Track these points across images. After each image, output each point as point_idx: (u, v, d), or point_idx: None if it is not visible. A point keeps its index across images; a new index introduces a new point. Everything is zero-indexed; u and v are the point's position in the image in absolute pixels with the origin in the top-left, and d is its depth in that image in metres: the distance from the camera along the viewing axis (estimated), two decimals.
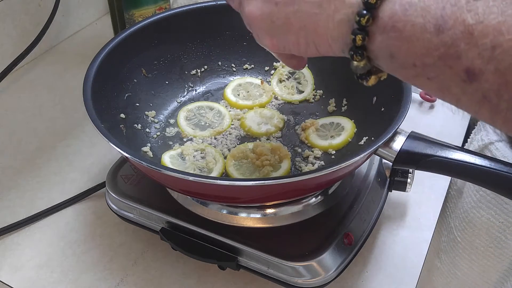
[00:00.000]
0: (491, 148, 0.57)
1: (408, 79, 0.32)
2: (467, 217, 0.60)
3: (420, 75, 0.30)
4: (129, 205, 0.53)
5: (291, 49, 0.38)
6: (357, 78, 0.36)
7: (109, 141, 0.45)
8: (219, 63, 0.68)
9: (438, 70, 0.29)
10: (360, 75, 0.35)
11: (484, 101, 0.28)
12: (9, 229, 0.56)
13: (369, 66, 0.33)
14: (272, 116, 0.62)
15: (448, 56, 0.28)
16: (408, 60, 0.30)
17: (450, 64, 0.28)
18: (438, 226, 0.61)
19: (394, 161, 0.46)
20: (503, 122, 0.28)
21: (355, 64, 0.33)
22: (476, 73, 0.27)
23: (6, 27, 0.78)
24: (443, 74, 0.29)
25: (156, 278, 0.52)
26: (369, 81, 0.35)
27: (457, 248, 0.63)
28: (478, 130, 0.61)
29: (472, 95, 0.28)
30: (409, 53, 0.29)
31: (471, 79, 0.27)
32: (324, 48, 0.35)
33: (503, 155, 0.55)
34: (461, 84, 0.28)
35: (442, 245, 0.67)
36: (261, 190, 0.44)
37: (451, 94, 0.29)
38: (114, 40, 0.57)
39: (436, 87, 0.30)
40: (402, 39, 0.29)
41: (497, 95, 0.27)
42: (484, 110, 0.28)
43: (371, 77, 0.35)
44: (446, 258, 0.66)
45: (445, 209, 0.66)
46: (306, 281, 0.46)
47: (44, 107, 0.75)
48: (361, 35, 0.31)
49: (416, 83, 0.31)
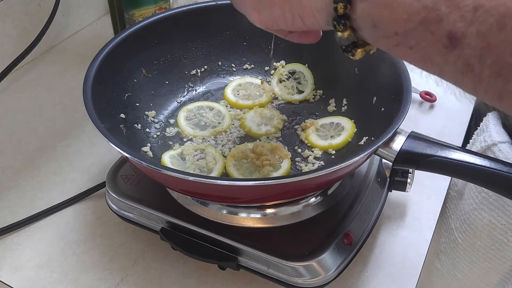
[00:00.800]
0: (494, 149, 0.56)
1: (391, 49, 0.31)
2: (468, 219, 0.60)
3: (401, 44, 0.30)
4: (129, 205, 0.53)
5: (278, 24, 0.38)
6: (343, 51, 0.35)
7: (109, 141, 0.45)
8: (219, 63, 0.68)
9: (420, 37, 0.28)
10: (346, 48, 0.35)
11: (467, 70, 0.27)
12: (9, 229, 0.56)
13: (353, 37, 0.33)
14: (272, 116, 0.62)
15: (429, 20, 0.27)
16: (389, 28, 0.30)
17: (431, 29, 0.27)
18: (437, 227, 0.61)
19: (394, 161, 0.46)
20: (485, 91, 0.27)
21: (339, 35, 0.33)
22: (458, 37, 0.26)
23: (6, 27, 0.78)
24: (424, 40, 0.28)
25: (156, 278, 0.52)
26: (356, 54, 0.35)
27: (457, 250, 0.63)
28: (481, 131, 0.61)
29: (455, 63, 0.27)
30: (391, 20, 0.29)
31: (453, 44, 0.27)
32: (310, 20, 0.35)
33: (506, 157, 0.55)
34: (443, 52, 0.28)
35: (442, 246, 0.67)
36: (261, 190, 0.44)
37: (433, 64, 0.29)
38: (114, 40, 0.57)
39: (418, 56, 0.30)
40: (383, 6, 0.29)
41: (480, 61, 0.26)
42: (467, 79, 0.28)
43: (357, 50, 0.35)
44: (446, 259, 0.66)
45: (445, 210, 0.66)
46: (306, 281, 0.46)
47: (44, 107, 0.75)
48: (342, 3, 0.31)
49: (398, 54, 0.31)
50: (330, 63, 0.64)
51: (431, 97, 0.77)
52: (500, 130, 0.57)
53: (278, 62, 0.69)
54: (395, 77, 0.52)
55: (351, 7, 0.31)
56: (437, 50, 0.28)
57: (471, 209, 0.59)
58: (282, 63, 0.68)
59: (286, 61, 0.68)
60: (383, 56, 0.55)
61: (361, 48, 0.35)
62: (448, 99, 0.78)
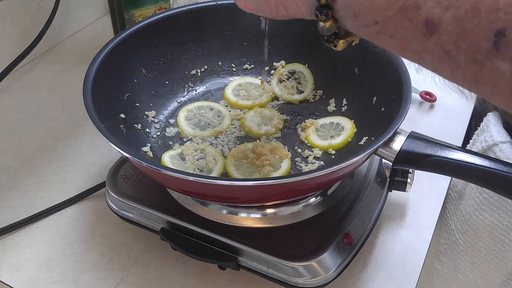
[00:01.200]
0: (495, 149, 0.56)
1: (371, 37, 0.32)
2: (469, 220, 0.60)
3: (381, 32, 0.30)
4: (129, 205, 0.53)
5: (263, 11, 0.38)
6: (324, 42, 0.36)
7: (109, 141, 0.45)
8: (219, 63, 0.68)
9: (398, 24, 0.29)
10: (328, 38, 0.35)
11: (445, 56, 0.28)
12: (9, 229, 0.56)
13: (334, 27, 0.34)
14: (272, 116, 0.62)
15: (407, 7, 0.28)
16: (370, 17, 0.30)
17: (409, 16, 0.28)
18: (437, 228, 0.61)
19: (394, 161, 0.46)
20: (462, 77, 0.28)
21: (321, 25, 0.34)
22: (435, 23, 0.27)
23: (6, 27, 0.78)
24: (403, 28, 0.29)
25: (156, 278, 0.52)
26: (338, 45, 0.36)
27: (458, 251, 0.63)
28: (481, 131, 0.60)
29: (433, 50, 0.28)
30: (370, 9, 0.30)
31: (431, 31, 0.27)
32: (293, 9, 0.36)
33: (507, 157, 0.54)
34: (421, 39, 0.28)
35: (442, 247, 0.66)
36: (261, 190, 0.44)
37: (412, 52, 0.30)
38: (114, 40, 0.57)
39: (397, 44, 0.30)
40: None
41: (456, 46, 0.27)
42: (445, 65, 0.28)
43: (339, 41, 0.36)
44: (447, 260, 0.66)
45: (445, 211, 0.66)
46: (306, 281, 0.46)
47: (44, 107, 0.75)
48: None
49: (379, 42, 0.32)
50: (330, 63, 0.64)
51: (431, 97, 0.77)
52: (501, 130, 0.57)
53: (278, 62, 0.69)
54: (395, 77, 0.52)
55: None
56: (416, 37, 0.28)
57: (472, 209, 0.59)
58: (282, 63, 0.68)
59: (286, 61, 0.68)
60: (383, 56, 0.55)
61: (343, 39, 0.36)
62: (448, 99, 0.78)
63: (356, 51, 0.59)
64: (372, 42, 0.32)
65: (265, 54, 0.66)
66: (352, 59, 0.61)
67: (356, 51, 0.59)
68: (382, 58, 0.54)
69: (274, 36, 0.67)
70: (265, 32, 0.64)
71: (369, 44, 0.54)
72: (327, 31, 0.34)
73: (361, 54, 0.59)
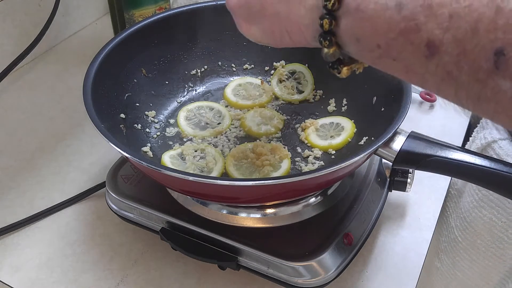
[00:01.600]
0: (494, 146, 0.56)
1: (375, 62, 0.32)
2: (469, 217, 0.60)
3: (384, 56, 0.31)
4: (129, 205, 0.53)
5: (267, 39, 0.39)
6: (329, 68, 0.36)
7: (109, 141, 0.45)
8: (219, 63, 0.68)
9: (400, 47, 0.29)
10: (332, 64, 0.36)
11: (447, 77, 0.28)
12: (9, 229, 0.56)
13: (338, 53, 0.34)
14: (272, 116, 0.62)
15: (408, 30, 0.28)
16: (372, 41, 0.30)
17: (411, 38, 0.28)
18: (438, 226, 0.61)
19: (394, 161, 0.46)
20: (466, 97, 0.28)
21: (325, 51, 0.34)
22: (436, 45, 0.27)
23: (6, 27, 0.78)
24: (405, 51, 0.29)
25: (156, 278, 0.52)
26: (342, 72, 0.36)
27: (457, 249, 0.63)
28: (481, 129, 0.60)
29: (435, 72, 0.28)
30: (373, 33, 0.30)
31: (432, 52, 0.28)
32: (297, 36, 0.36)
33: (506, 154, 0.54)
34: (424, 61, 0.28)
35: (442, 245, 0.67)
36: (261, 190, 0.44)
37: (416, 74, 0.30)
38: (114, 40, 0.57)
39: (401, 67, 0.31)
40: (366, 20, 0.30)
41: (458, 67, 0.27)
42: (448, 86, 0.28)
43: (343, 68, 0.36)
44: (446, 258, 0.66)
45: (445, 209, 0.66)
46: (306, 281, 0.46)
47: (44, 107, 0.75)
48: (327, 19, 0.32)
49: (382, 66, 0.32)
50: None
51: (431, 97, 0.77)
52: (500, 127, 0.57)
53: (278, 62, 0.69)
54: (395, 77, 0.52)
55: (335, 23, 0.32)
56: (418, 60, 0.29)
57: (471, 207, 0.59)
58: (282, 63, 0.68)
59: (286, 61, 0.68)
60: None
61: (347, 66, 0.36)
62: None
63: None
64: (376, 67, 0.33)
65: None
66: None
67: None
68: None
69: None
70: None
71: None
72: (331, 57, 0.34)
73: None
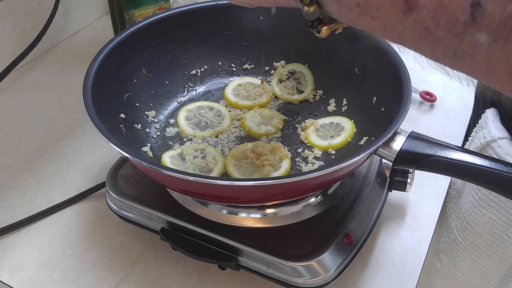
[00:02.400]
0: (493, 145, 0.56)
1: (354, 21, 0.33)
2: (468, 217, 0.60)
3: (363, 14, 0.31)
4: (129, 205, 0.53)
5: (248, 0, 0.39)
6: (308, 27, 0.37)
7: (109, 141, 0.45)
8: (219, 63, 0.68)
9: (379, 3, 0.30)
10: (312, 24, 0.37)
11: (425, 33, 0.28)
12: (9, 229, 0.56)
13: (318, 12, 0.35)
14: (272, 116, 0.62)
15: None
16: (352, 0, 0.31)
17: None
18: (437, 227, 0.61)
19: (394, 161, 0.46)
20: (442, 53, 0.28)
21: (305, 9, 0.34)
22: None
23: (6, 27, 0.78)
24: (383, 7, 0.29)
25: (156, 278, 0.52)
26: (321, 32, 0.37)
27: (457, 249, 0.63)
28: (480, 128, 0.60)
29: (413, 28, 0.29)
30: None
31: (410, 8, 0.28)
32: None
33: (506, 152, 0.54)
34: (402, 17, 0.29)
35: (442, 245, 0.66)
36: (261, 190, 0.44)
37: (394, 32, 0.30)
38: (114, 40, 0.57)
39: (379, 25, 0.31)
40: None
41: (435, 21, 0.27)
42: (425, 42, 0.29)
43: (323, 27, 0.37)
44: (446, 259, 0.66)
45: (445, 209, 0.66)
46: (306, 281, 0.46)
47: (44, 107, 0.75)
48: None
49: (362, 25, 0.33)
50: (330, 63, 0.64)
51: (431, 97, 0.77)
52: (499, 126, 0.57)
53: (278, 62, 0.69)
54: (395, 77, 0.52)
55: None
56: (396, 16, 0.29)
57: (471, 206, 0.59)
58: (282, 63, 0.68)
59: (286, 61, 0.68)
60: (383, 56, 0.55)
61: (327, 25, 0.37)
62: (448, 99, 0.78)
63: (356, 51, 0.60)
64: (356, 26, 0.33)
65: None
66: (352, 59, 0.61)
67: (356, 51, 0.60)
68: (382, 58, 0.55)
69: (274, 36, 0.67)
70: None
71: (368, 43, 0.54)
72: (311, 16, 0.35)
73: (361, 54, 0.60)
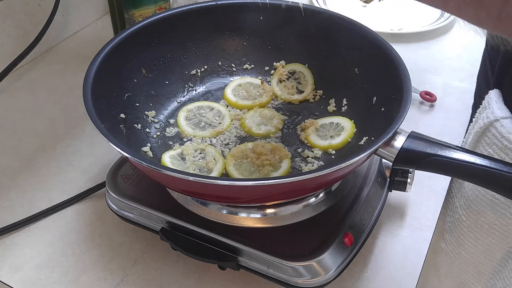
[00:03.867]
0: (496, 125, 0.56)
1: None
2: (472, 195, 0.60)
3: None
4: (129, 205, 0.53)
5: None
6: None
7: (109, 141, 0.45)
8: (219, 63, 0.68)
9: None
10: None
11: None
12: (9, 229, 0.56)
13: None
14: (272, 116, 0.62)
15: None
16: None
17: None
18: (443, 207, 0.61)
19: (394, 161, 0.46)
20: (487, 15, 0.29)
21: None
22: None
23: (6, 27, 0.78)
24: None
25: (156, 278, 0.52)
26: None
27: (461, 227, 0.63)
28: (483, 109, 0.60)
29: None
30: None
31: None
32: None
33: (508, 132, 0.54)
34: None
35: (447, 225, 0.67)
36: (261, 190, 0.44)
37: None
38: (114, 40, 0.57)
39: None
40: None
41: None
42: (469, 6, 0.29)
43: None
44: (451, 238, 0.66)
45: (451, 190, 0.66)
46: (306, 281, 0.46)
47: (44, 107, 0.75)
48: None
49: None
50: (330, 63, 0.64)
51: (431, 97, 0.77)
52: (502, 106, 0.58)
53: (278, 62, 0.69)
54: (395, 77, 0.52)
55: None
56: None
57: (474, 185, 0.59)
58: (282, 63, 0.68)
59: (286, 61, 0.68)
60: (383, 56, 0.55)
61: None
62: (448, 99, 0.78)
63: (356, 51, 0.60)
64: None
65: None
66: (352, 59, 0.61)
67: (356, 51, 0.60)
68: (382, 58, 0.55)
69: (274, 36, 0.67)
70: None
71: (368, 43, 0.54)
72: None
73: (361, 54, 0.60)
